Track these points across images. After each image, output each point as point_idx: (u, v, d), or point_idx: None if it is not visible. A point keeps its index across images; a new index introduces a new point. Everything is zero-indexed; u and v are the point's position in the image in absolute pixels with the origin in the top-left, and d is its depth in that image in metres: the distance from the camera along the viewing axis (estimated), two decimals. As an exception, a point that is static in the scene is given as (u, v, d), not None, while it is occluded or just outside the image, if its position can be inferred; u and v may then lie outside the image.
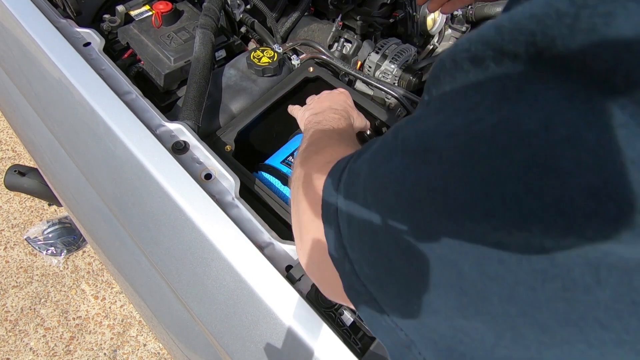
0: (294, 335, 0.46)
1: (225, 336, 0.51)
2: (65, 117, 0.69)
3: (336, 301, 0.35)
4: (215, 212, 0.52)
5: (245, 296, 0.49)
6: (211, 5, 0.79)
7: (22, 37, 0.73)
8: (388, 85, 0.76)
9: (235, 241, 0.51)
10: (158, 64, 0.77)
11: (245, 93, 0.77)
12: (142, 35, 0.80)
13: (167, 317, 0.68)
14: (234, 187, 0.56)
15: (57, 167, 0.78)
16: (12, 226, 1.67)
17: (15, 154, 1.87)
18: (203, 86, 0.68)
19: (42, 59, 0.69)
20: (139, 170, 0.57)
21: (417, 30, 0.88)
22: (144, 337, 1.45)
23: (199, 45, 0.72)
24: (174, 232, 0.54)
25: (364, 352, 0.48)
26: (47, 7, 0.76)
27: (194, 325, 0.60)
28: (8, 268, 1.57)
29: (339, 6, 0.93)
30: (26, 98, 0.79)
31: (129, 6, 0.86)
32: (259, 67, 0.76)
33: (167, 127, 0.62)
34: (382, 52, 0.81)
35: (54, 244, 1.56)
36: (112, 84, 0.65)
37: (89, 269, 1.58)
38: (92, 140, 0.64)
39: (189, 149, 0.59)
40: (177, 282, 0.55)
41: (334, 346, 0.45)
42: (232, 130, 0.70)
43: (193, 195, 0.54)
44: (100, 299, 1.52)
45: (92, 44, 0.71)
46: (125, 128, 0.60)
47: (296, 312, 0.46)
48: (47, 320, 1.48)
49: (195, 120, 0.64)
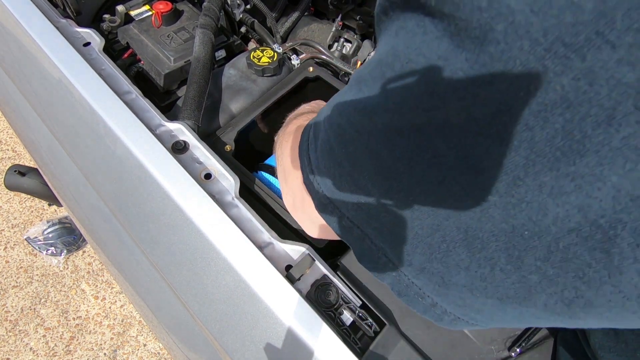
0: (293, 335, 0.46)
1: (225, 336, 0.51)
2: (65, 117, 0.69)
3: (318, 237, 0.41)
4: (215, 212, 0.52)
5: (245, 296, 0.49)
6: (211, 5, 0.79)
7: (22, 37, 0.73)
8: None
9: (235, 241, 0.51)
10: (158, 64, 0.77)
11: (245, 93, 0.77)
12: (142, 35, 0.80)
13: (167, 317, 0.68)
14: (234, 187, 0.56)
15: (57, 167, 0.78)
16: (12, 226, 1.67)
17: (15, 154, 1.88)
18: (203, 86, 0.68)
19: (42, 59, 0.70)
20: (138, 170, 0.57)
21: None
22: (144, 337, 1.45)
23: (199, 45, 0.72)
24: (174, 232, 0.54)
25: (363, 352, 0.48)
26: (47, 7, 0.76)
27: (194, 325, 0.60)
28: (8, 268, 1.57)
29: (339, 6, 0.93)
30: (26, 98, 0.79)
31: (129, 6, 0.86)
32: (258, 67, 0.76)
33: (167, 127, 0.62)
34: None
35: (54, 244, 1.56)
36: (112, 83, 0.65)
37: (89, 269, 1.58)
38: (92, 140, 0.64)
39: (189, 149, 0.59)
40: (177, 282, 0.55)
41: (334, 346, 0.45)
42: (232, 130, 0.70)
43: (193, 195, 0.54)
44: (100, 299, 1.52)
45: (92, 44, 0.71)
46: (125, 128, 0.60)
47: (296, 311, 0.46)
48: (47, 320, 1.48)
49: (195, 120, 0.64)
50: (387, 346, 0.49)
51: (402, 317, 0.53)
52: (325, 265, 0.51)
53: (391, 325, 0.51)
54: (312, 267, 0.51)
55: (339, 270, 0.57)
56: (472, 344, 0.52)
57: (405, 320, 0.53)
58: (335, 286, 0.50)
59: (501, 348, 0.52)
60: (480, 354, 0.52)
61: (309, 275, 0.50)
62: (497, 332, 0.53)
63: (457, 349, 0.52)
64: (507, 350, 0.52)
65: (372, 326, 0.49)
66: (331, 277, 0.50)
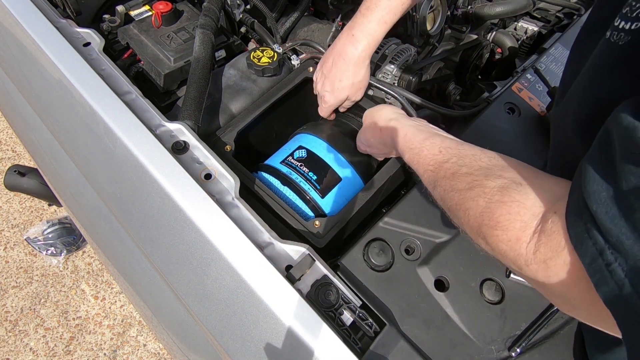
0: (294, 335, 0.46)
1: (225, 336, 0.51)
2: (65, 117, 0.69)
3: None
4: (215, 212, 0.52)
5: (245, 296, 0.49)
6: (211, 5, 0.79)
7: (22, 37, 0.73)
8: (388, 85, 0.76)
9: (235, 241, 0.51)
10: (158, 64, 0.77)
11: (245, 93, 0.77)
12: (142, 35, 0.80)
13: (167, 317, 0.68)
14: (234, 187, 0.56)
15: (57, 167, 0.78)
16: (12, 226, 1.67)
17: (15, 154, 1.87)
18: (203, 86, 0.68)
19: (42, 59, 0.69)
20: (139, 170, 0.57)
21: (417, 30, 0.88)
22: (144, 337, 1.45)
23: (199, 46, 0.72)
24: (174, 232, 0.54)
25: (364, 352, 0.48)
26: (47, 7, 0.76)
27: (194, 325, 0.60)
28: (8, 268, 1.57)
29: (339, 6, 0.93)
30: (26, 98, 0.79)
31: (129, 6, 0.86)
32: (258, 67, 0.76)
33: (167, 127, 0.62)
34: (382, 52, 0.81)
35: (54, 244, 1.56)
36: (112, 84, 0.65)
37: (89, 269, 1.58)
38: (92, 140, 0.64)
39: (189, 149, 0.59)
40: (177, 282, 0.55)
41: (334, 346, 0.45)
42: (232, 130, 0.70)
43: (193, 195, 0.54)
44: (100, 299, 1.52)
45: (92, 44, 0.71)
46: (125, 128, 0.60)
47: (296, 312, 0.46)
48: (47, 320, 1.48)
49: (195, 120, 0.64)
50: (387, 346, 0.49)
51: (402, 317, 0.53)
52: (325, 265, 0.51)
53: (391, 326, 0.51)
54: (312, 267, 0.51)
55: (339, 271, 0.57)
56: (472, 344, 0.52)
57: (405, 320, 0.53)
58: (335, 286, 0.50)
59: (501, 348, 0.52)
60: (480, 354, 0.52)
61: (309, 276, 0.50)
62: (497, 332, 0.53)
63: (457, 349, 0.52)
64: (507, 350, 0.52)
65: (372, 326, 0.49)
66: (331, 277, 0.50)
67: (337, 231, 0.61)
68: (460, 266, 0.57)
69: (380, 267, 0.57)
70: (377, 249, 0.58)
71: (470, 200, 0.39)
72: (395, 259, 0.58)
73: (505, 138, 0.73)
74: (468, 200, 0.39)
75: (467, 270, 0.57)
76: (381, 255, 0.57)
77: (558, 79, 0.83)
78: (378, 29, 0.64)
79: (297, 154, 0.70)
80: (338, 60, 0.67)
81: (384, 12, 0.63)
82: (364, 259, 0.58)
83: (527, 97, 0.78)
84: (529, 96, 0.79)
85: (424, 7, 0.85)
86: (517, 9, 0.96)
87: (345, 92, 0.70)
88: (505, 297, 0.56)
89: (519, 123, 0.75)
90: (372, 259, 0.57)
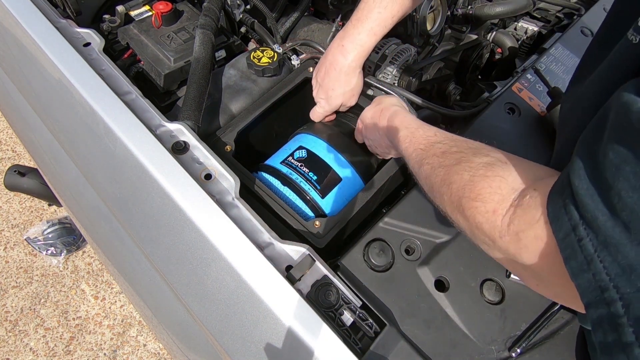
0: (294, 335, 0.46)
1: (225, 336, 0.51)
2: (65, 117, 0.69)
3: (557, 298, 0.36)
4: (215, 212, 0.52)
5: (245, 296, 0.49)
6: (211, 6, 0.79)
7: (22, 37, 0.73)
8: (388, 85, 0.76)
9: (236, 241, 0.51)
10: (158, 64, 0.77)
11: (245, 93, 0.77)
12: (142, 36, 0.80)
13: (167, 317, 0.68)
14: (234, 187, 0.56)
15: (57, 167, 0.78)
16: (12, 226, 1.67)
17: (15, 154, 1.88)
18: (203, 86, 0.68)
19: (42, 59, 0.69)
20: (139, 170, 0.57)
21: (417, 31, 0.88)
22: (144, 337, 1.45)
23: (199, 46, 0.72)
24: (174, 232, 0.54)
25: (364, 352, 0.48)
26: (47, 7, 0.76)
27: (194, 325, 0.60)
28: (8, 268, 1.57)
29: (339, 6, 0.93)
30: (26, 98, 0.79)
31: (129, 6, 0.86)
32: (259, 67, 0.76)
33: (167, 127, 0.62)
34: (382, 52, 0.81)
35: (54, 244, 1.56)
36: (112, 84, 0.65)
37: (89, 269, 1.58)
38: (92, 140, 0.64)
39: (189, 149, 0.59)
40: (177, 282, 0.55)
41: (334, 346, 0.45)
42: (232, 130, 0.70)
43: (193, 196, 0.54)
44: (100, 299, 1.52)
45: (92, 44, 0.71)
46: (125, 128, 0.60)
47: (296, 312, 0.46)
48: (47, 320, 1.48)
49: (195, 121, 0.64)
50: (388, 346, 0.49)
51: (402, 318, 0.53)
52: (325, 265, 0.51)
53: (391, 326, 0.51)
54: (313, 268, 0.51)
55: (339, 271, 0.57)
56: (472, 344, 0.52)
57: (405, 320, 0.53)
58: (335, 287, 0.50)
59: (501, 348, 0.52)
60: (480, 354, 0.52)
61: (309, 276, 0.50)
62: (497, 332, 0.53)
63: (457, 349, 0.52)
64: (508, 351, 0.52)
65: (372, 326, 0.49)
66: (331, 277, 0.50)
67: (337, 231, 0.61)
68: (461, 266, 0.57)
69: (380, 268, 0.57)
70: (377, 249, 0.58)
71: (455, 174, 0.40)
72: (396, 259, 0.58)
73: (505, 138, 0.73)
74: (453, 175, 0.40)
75: (467, 271, 0.57)
76: (381, 256, 0.57)
77: (558, 79, 0.83)
78: (368, 40, 0.66)
79: (297, 154, 0.70)
80: (330, 70, 0.69)
81: (374, 24, 0.64)
82: (364, 259, 0.58)
83: (527, 97, 0.78)
84: (529, 96, 0.78)
85: (424, 8, 0.85)
86: (517, 9, 0.96)
87: (339, 100, 0.73)
88: (505, 297, 0.56)
89: (519, 123, 0.75)
90: (372, 259, 0.57)
